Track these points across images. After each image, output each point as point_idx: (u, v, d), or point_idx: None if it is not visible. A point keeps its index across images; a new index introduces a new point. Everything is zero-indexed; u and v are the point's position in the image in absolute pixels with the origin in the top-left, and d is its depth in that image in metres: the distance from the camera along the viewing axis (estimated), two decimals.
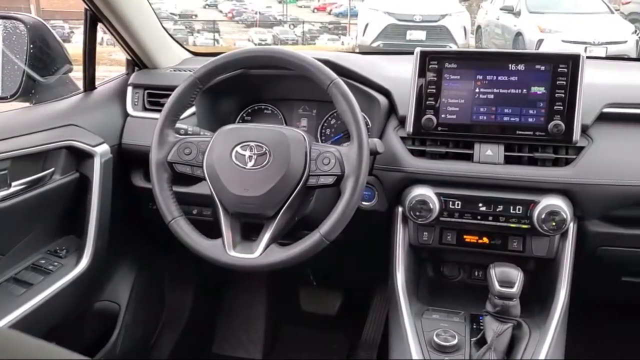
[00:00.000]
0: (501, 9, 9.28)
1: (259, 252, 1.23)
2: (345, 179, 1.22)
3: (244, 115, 1.68)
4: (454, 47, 7.56)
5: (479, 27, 10.41)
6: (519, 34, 8.53)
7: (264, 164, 1.24)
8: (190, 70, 1.41)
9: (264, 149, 1.25)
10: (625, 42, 7.83)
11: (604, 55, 6.87)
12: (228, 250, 1.25)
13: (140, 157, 1.57)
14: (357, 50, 7.13)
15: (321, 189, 1.34)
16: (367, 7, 9.42)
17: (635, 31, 8.40)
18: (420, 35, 8.71)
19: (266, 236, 1.25)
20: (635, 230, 1.40)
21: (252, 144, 1.26)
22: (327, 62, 1.33)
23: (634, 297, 1.67)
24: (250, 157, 1.25)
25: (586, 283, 1.47)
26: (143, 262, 1.95)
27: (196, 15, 17.95)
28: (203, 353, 2.22)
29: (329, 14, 24.91)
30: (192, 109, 1.61)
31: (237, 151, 1.26)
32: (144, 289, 1.95)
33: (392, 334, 1.35)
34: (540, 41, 7.82)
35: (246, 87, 1.63)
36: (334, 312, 2.29)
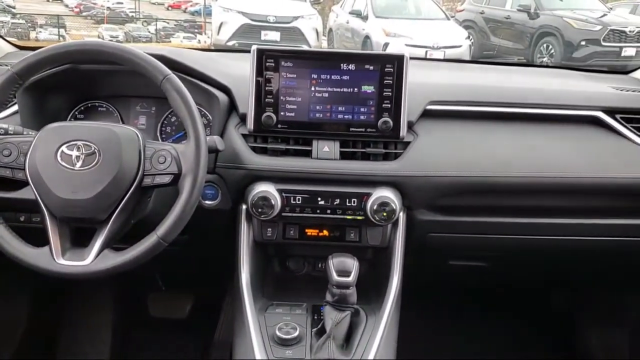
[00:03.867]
0: (350, 13, 9.69)
1: (91, 259, 1.18)
2: (183, 177, 1.20)
3: (76, 113, 1.58)
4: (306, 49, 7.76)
5: (330, 30, 10.77)
6: (367, 37, 8.96)
7: (93, 164, 1.18)
8: (9, 65, 1.29)
9: (93, 148, 1.19)
10: (460, 46, 8.59)
11: (442, 58, 7.45)
12: (56, 258, 1.18)
13: None
14: (212, 49, 7.04)
15: (160, 189, 1.31)
16: (220, 6, 9.34)
17: (468, 36, 9.25)
18: (275, 36, 8.83)
19: (98, 241, 1.19)
20: (458, 217, 1.53)
21: (79, 143, 1.19)
22: (160, 57, 1.29)
23: (460, 279, 1.83)
24: (77, 157, 1.19)
25: (418, 268, 1.58)
26: None
27: (14, 7, 16.42)
28: None
29: (184, 11, 24.31)
30: (16, 107, 1.48)
31: (62, 151, 1.19)
32: None
33: (236, 332, 1.35)
34: (386, 44, 8.28)
35: (77, 83, 1.54)
36: (184, 315, 2.23)
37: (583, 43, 8.54)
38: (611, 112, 1.55)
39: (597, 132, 1.55)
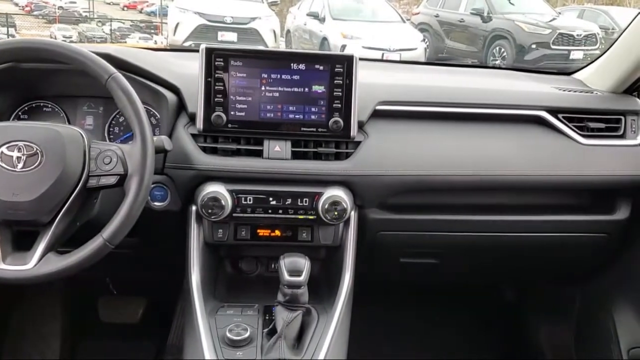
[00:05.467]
0: (307, 15, 9.72)
1: (34, 263, 1.14)
2: (129, 178, 1.19)
3: (19, 113, 1.53)
4: None
5: (288, 31, 10.79)
6: (324, 39, 9.02)
7: (35, 165, 1.15)
8: None
9: (35, 149, 1.16)
10: (416, 49, 8.73)
11: (398, 60, 7.55)
12: None
13: None
14: (163, 48, 6.95)
15: (107, 190, 1.28)
16: (176, 6, 9.25)
17: (424, 39, 9.41)
18: (232, 36, 8.80)
19: (42, 244, 1.16)
20: (407, 215, 1.55)
21: (20, 144, 1.16)
22: (106, 56, 1.27)
23: (412, 277, 1.86)
24: (19, 158, 1.15)
25: (370, 266, 1.60)
26: None
27: None
28: None
29: (140, 12, 24.01)
30: None
31: (2, 152, 1.15)
32: None
33: (186, 334, 1.34)
34: (343, 46, 8.34)
35: (20, 82, 1.49)
36: (136, 320, 2.19)
37: (534, 46, 8.82)
38: (554, 111, 1.59)
39: (541, 131, 1.59)
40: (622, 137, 1.61)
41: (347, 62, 1.42)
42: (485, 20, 9.49)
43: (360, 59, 1.46)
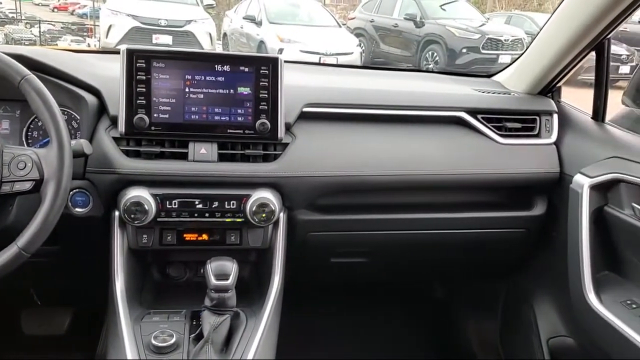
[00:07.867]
0: (244, 18, 9.68)
1: None
2: (45, 183, 1.14)
3: None
4: None
5: (225, 34, 10.70)
6: (262, 42, 9.01)
7: None
8: None
9: None
10: (352, 53, 8.87)
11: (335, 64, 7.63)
12: None
13: None
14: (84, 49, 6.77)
15: (25, 197, 1.23)
16: (108, 8, 9.02)
17: (360, 44, 9.56)
18: (167, 39, 8.68)
19: None
20: (336, 215, 1.57)
21: None
22: (19, 57, 1.22)
23: (342, 276, 1.88)
24: None
25: (300, 267, 1.61)
26: None
27: None
28: None
29: (72, 14, 23.18)
30: None
31: None
32: None
33: (109, 344, 1.30)
34: (281, 50, 8.36)
35: None
36: (62, 331, 2.11)
37: (464, 50, 9.13)
38: (473, 112, 1.65)
39: (462, 131, 1.64)
40: (537, 136, 1.69)
41: (272, 64, 1.42)
42: (418, 25, 9.75)
43: (297, 63, 1.46)
